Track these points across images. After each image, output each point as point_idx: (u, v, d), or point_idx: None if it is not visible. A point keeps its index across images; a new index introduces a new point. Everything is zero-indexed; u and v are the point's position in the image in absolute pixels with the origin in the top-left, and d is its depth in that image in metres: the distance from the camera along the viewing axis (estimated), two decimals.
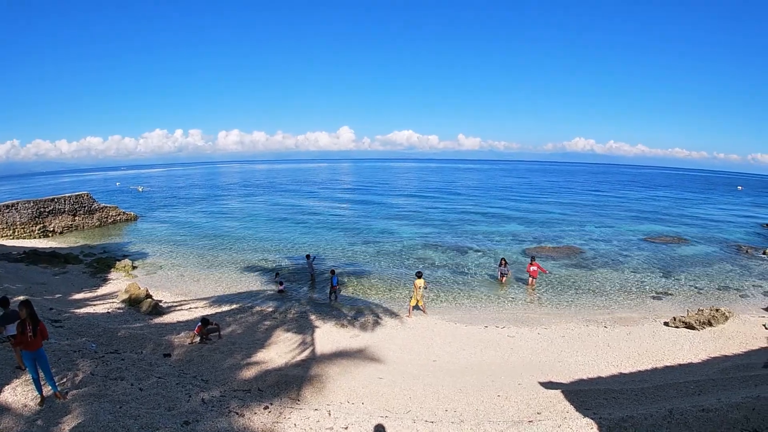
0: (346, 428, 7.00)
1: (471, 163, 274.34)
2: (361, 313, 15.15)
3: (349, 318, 14.67)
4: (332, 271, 17.38)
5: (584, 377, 9.92)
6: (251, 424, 6.98)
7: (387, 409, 8.17)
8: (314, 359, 10.99)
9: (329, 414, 7.46)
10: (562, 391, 8.71)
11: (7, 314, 8.60)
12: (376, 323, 14.05)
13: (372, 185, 79.73)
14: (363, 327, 13.75)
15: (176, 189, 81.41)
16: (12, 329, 8.39)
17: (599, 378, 9.85)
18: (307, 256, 20.11)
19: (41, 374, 7.44)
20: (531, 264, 17.68)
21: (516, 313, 15.32)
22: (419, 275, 14.74)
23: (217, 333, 13.04)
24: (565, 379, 9.72)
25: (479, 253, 24.28)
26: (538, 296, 17.04)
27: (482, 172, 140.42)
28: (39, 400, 7.56)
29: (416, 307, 14.96)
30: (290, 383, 9.30)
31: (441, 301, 16.78)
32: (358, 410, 8.00)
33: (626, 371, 10.20)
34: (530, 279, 17.67)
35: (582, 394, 8.57)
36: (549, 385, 9.25)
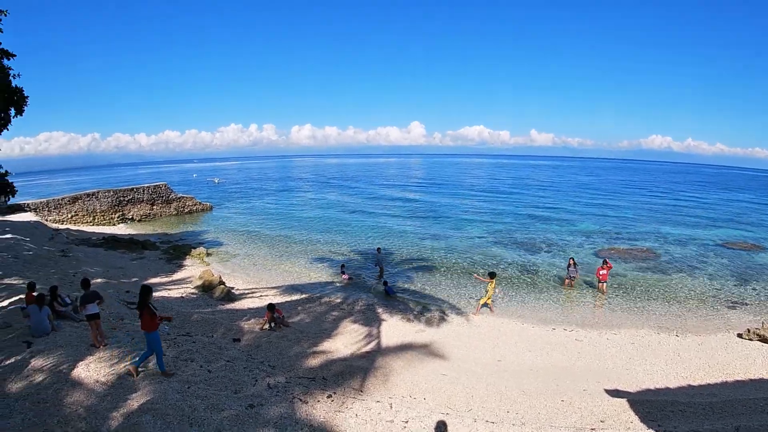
0: (407, 422, 7.90)
1: (543, 160, 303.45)
2: (428, 309, 17.32)
3: (415, 313, 16.71)
4: (378, 249, 22.67)
5: (651, 387, 11.00)
6: (314, 411, 8.00)
7: (448, 406, 9.34)
8: (379, 352, 12.66)
9: (390, 406, 8.48)
10: (628, 401, 9.83)
11: (88, 295, 10.34)
12: (442, 319, 15.96)
13: (442, 181, 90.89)
14: (429, 322, 15.58)
15: (250, 181, 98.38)
16: (92, 308, 10.19)
17: (667, 389, 10.92)
18: (378, 250, 23.29)
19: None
20: (602, 267, 19.49)
21: (585, 316, 17.20)
22: (493, 275, 16.70)
23: (284, 320, 14.84)
24: (631, 388, 10.82)
25: (550, 253, 27.32)
26: (608, 300, 18.86)
27: (555, 169, 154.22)
28: (132, 368, 9.50)
29: (484, 305, 17.02)
30: (354, 374, 10.75)
31: (509, 300, 18.89)
32: (420, 405, 9.07)
33: (695, 383, 11.26)
34: (600, 284, 19.42)
35: (648, 405, 9.64)
36: (615, 393, 10.37)
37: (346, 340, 13.63)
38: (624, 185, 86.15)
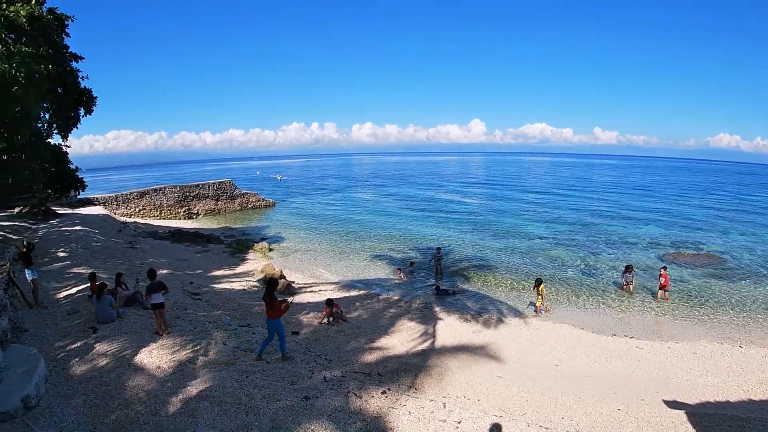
0: (459, 422, 8.12)
1: (607, 159, 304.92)
2: (485, 309, 17.87)
3: (472, 313, 17.24)
4: (438, 249, 23.22)
5: (711, 400, 11.11)
6: (367, 406, 8.37)
7: (502, 408, 9.61)
8: (435, 350, 13.22)
9: (444, 406, 8.76)
10: (686, 413, 10.01)
11: (154, 285, 11.07)
12: (500, 321, 16.42)
13: (503, 179, 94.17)
14: (486, 323, 16.09)
15: (312, 179, 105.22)
16: (157, 298, 10.90)
17: (727, 402, 11.01)
18: (438, 249, 23.84)
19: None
20: (661, 274, 19.52)
21: (647, 323, 17.35)
22: (539, 282, 17.24)
23: (342, 315, 15.55)
24: (690, 400, 10.94)
25: (612, 256, 27.64)
26: (671, 307, 18.95)
27: (619, 168, 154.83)
28: (256, 357, 10.79)
29: (541, 308, 17.51)
30: (409, 371, 11.25)
31: (569, 304, 19.28)
32: (474, 406, 9.33)
33: (756, 398, 11.32)
34: (660, 291, 19.43)
35: (706, 419, 9.82)
36: (673, 404, 10.52)
37: (402, 338, 14.19)
38: (690, 186, 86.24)
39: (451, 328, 15.36)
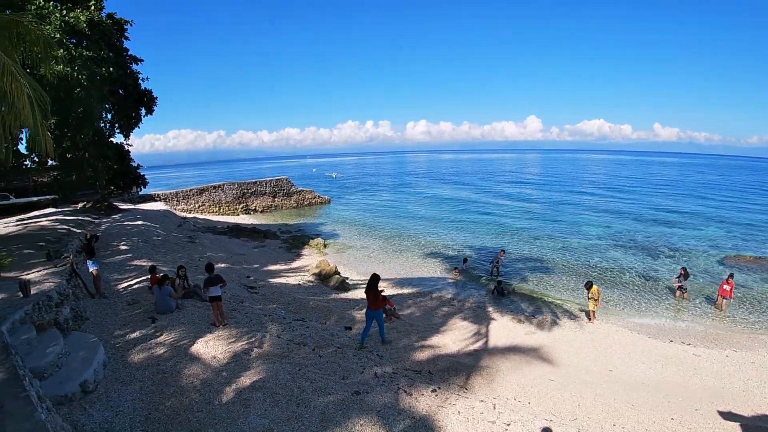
0: (509, 425, 8.17)
1: (667, 156, 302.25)
2: (540, 311, 17.92)
3: (526, 314, 17.29)
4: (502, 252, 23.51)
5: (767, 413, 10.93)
6: (417, 403, 8.47)
7: (553, 413, 9.65)
8: (486, 351, 13.34)
9: (494, 407, 8.84)
10: (741, 425, 10.01)
11: (212, 278, 11.49)
12: (554, 323, 16.36)
13: (560, 177, 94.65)
14: (540, 325, 16.02)
15: (367, 176, 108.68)
16: (214, 291, 11.26)
17: None
18: (502, 252, 23.90)
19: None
20: (726, 281, 18.54)
21: (706, 330, 16.95)
22: (589, 285, 17.01)
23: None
24: (746, 412, 10.73)
25: (671, 258, 27.33)
26: (731, 314, 18.44)
27: (679, 166, 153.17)
28: (358, 347, 11.95)
29: (592, 312, 17.19)
30: (460, 371, 11.39)
31: (626, 307, 19.06)
32: (524, 409, 9.38)
33: None
34: (719, 299, 18.66)
35: None
36: (728, 415, 10.42)
37: (454, 337, 14.34)
38: (754, 186, 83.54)
39: (504, 329, 15.46)
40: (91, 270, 12.87)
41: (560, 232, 34.62)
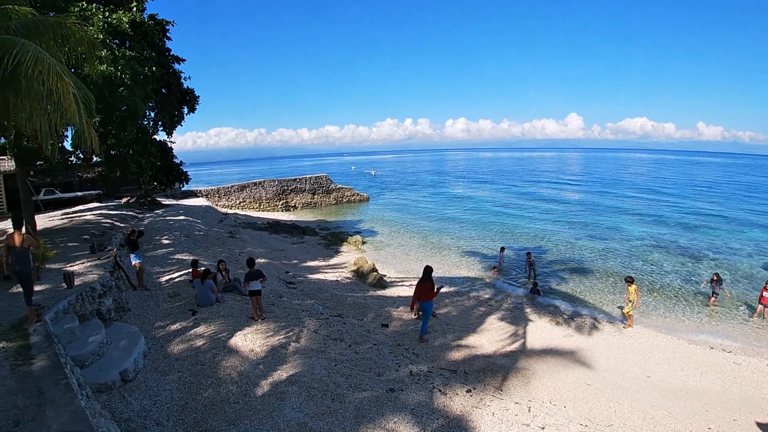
0: (543, 428, 8.23)
1: (711, 156, 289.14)
2: (578, 313, 17.77)
3: (565, 316, 17.14)
4: (528, 254, 23.19)
5: None
6: (451, 403, 8.60)
7: (588, 417, 9.66)
8: (523, 352, 13.32)
9: (529, 410, 8.96)
10: None
11: (252, 273, 11.75)
12: (593, 326, 16.22)
13: (601, 177, 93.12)
14: (578, 328, 15.95)
15: (405, 174, 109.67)
16: (255, 285, 11.49)
17: None
18: (528, 254, 23.67)
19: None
20: (765, 288, 18.05)
21: (747, 337, 16.47)
22: (631, 280, 16.78)
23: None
24: None
25: (715, 261, 26.60)
26: None
27: (723, 167, 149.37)
28: (419, 339, 12.95)
29: (628, 314, 16.81)
30: (496, 372, 11.45)
31: (666, 312, 18.70)
32: (559, 413, 9.41)
33: None
34: (760, 306, 18.09)
35: None
36: (766, 427, 10.25)
37: (490, 337, 14.37)
38: None
39: (541, 331, 15.39)
40: (134, 263, 13.31)
41: (600, 233, 34.47)
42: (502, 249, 24.28)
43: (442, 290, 19.63)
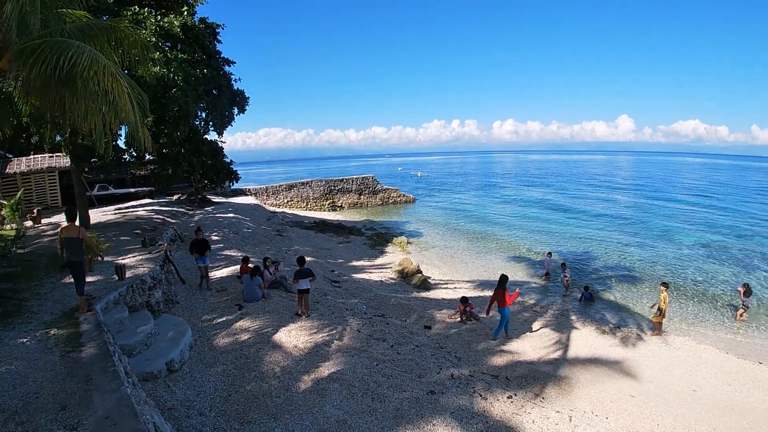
0: None
1: (766, 161, 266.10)
2: (625, 322, 17.36)
3: (611, 325, 16.81)
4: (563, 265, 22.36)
5: None
6: (491, 409, 8.65)
7: (630, 430, 9.57)
8: (566, 360, 13.21)
9: (570, 419, 9.03)
10: None
11: (302, 271, 11.87)
12: (639, 336, 15.81)
13: (651, 182, 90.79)
14: (624, 338, 15.57)
15: (452, 176, 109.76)
16: (303, 284, 11.61)
17: None
18: (563, 265, 22.80)
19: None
20: None
21: None
22: (665, 286, 16.27)
23: (476, 315, 15.77)
24: None
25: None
26: None
27: None
28: (494, 339, 13.48)
29: (658, 323, 16.34)
30: (538, 379, 11.35)
31: (716, 324, 18.02)
32: (600, 424, 9.40)
33: None
34: None
35: None
36: None
37: (534, 343, 14.25)
38: None
39: (585, 339, 15.15)
40: (199, 266, 13.54)
41: (650, 240, 33.61)
42: (549, 254, 23.75)
43: (487, 294, 19.62)
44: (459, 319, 15.30)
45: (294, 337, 10.43)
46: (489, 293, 19.64)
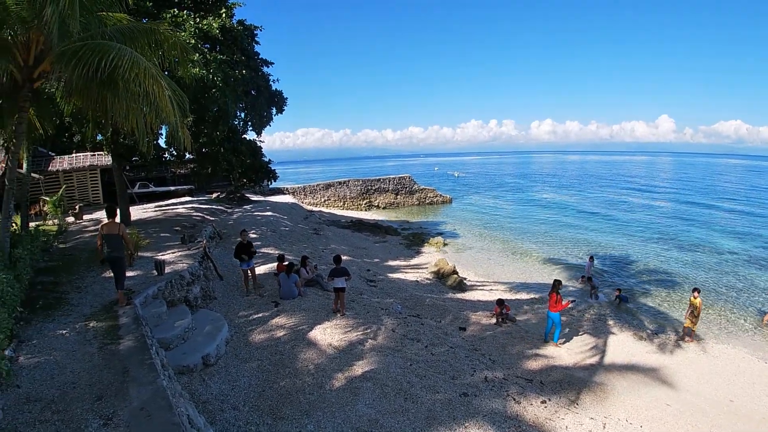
0: None
1: None
2: (663, 329, 17.02)
3: (648, 331, 16.43)
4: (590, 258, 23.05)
5: None
6: (524, 413, 8.58)
7: None
8: (603, 366, 13.02)
9: (603, 426, 8.96)
10: None
11: (339, 269, 11.93)
12: (677, 343, 15.47)
13: (693, 184, 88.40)
14: (662, 345, 15.21)
15: (489, 177, 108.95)
16: (339, 282, 11.69)
17: None
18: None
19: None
20: None
21: None
22: (697, 291, 15.97)
23: (512, 317, 15.73)
24: None
25: None
26: None
27: None
28: (545, 341, 13.62)
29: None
30: (573, 384, 11.29)
31: (756, 332, 17.54)
32: None
33: None
34: None
35: None
36: None
37: (570, 348, 14.10)
38: None
39: (622, 345, 14.88)
40: (245, 269, 13.30)
41: (691, 244, 32.77)
42: (591, 258, 23.29)
43: (522, 296, 19.46)
44: (494, 321, 15.16)
45: (329, 334, 10.51)
46: (526, 296, 19.53)
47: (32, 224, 15.30)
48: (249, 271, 13.34)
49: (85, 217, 21.05)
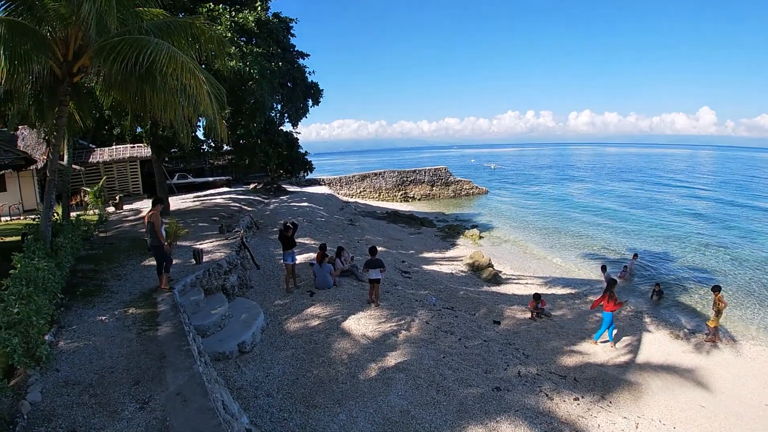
0: None
1: None
2: (700, 328, 16.47)
3: (685, 330, 15.96)
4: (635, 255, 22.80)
5: None
6: (557, 410, 8.55)
7: None
8: (637, 365, 12.77)
9: (636, 426, 8.88)
10: None
11: (374, 261, 12.00)
12: (714, 344, 15.12)
13: (735, 178, 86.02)
14: (698, 345, 14.86)
15: (526, 169, 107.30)
16: (374, 273, 11.74)
17: None
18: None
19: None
20: None
21: None
22: (717, 289, 15.49)
23: (547, 312, 15.38)
24: None
25: None
26: None
27: None
28: (593, 341, 13.22)
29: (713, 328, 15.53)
30: (607, 382, 11.09)
31: None
32: None
33: None
34: None
35: None
36: None
37: (605, 345, 13.82)
38: None
39: (659, 344, 14.53)
40: (286, 263, 12.71)
41: (732, 241, 31.62)
42: (635, 255, 22.73)
43: (558, 291, 19.14)
44: (530, 315, 14.95)
45: (363, 325, 10.58)
46: (561, 291, 19.23)
47: (73, 214, 15.85)
48: (290, 266, 12.61)
49: (125, 207, 21.80)
